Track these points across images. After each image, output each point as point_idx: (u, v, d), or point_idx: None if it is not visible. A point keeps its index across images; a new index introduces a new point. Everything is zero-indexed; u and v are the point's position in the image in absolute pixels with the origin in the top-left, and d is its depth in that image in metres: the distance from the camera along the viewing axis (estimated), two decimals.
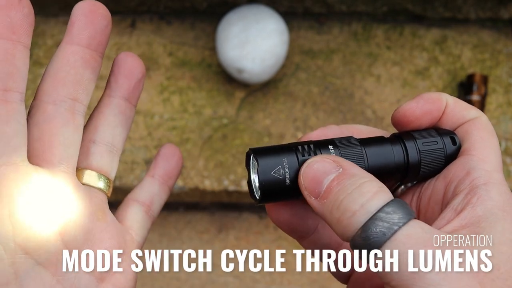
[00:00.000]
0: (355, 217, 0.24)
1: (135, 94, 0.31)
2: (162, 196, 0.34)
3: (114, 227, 0.30)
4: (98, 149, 0.30)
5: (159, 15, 0.88)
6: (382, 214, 0.24)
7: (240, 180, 0.78)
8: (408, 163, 0.29)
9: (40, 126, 0.27)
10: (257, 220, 0.86)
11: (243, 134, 0.81)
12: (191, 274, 0.82)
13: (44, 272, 0.26)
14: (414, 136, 0.30)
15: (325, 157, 0.27)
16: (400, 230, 0.23)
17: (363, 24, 0.88)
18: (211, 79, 0.84)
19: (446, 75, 0.85)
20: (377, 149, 0.29)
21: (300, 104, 0.83)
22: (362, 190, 0.25)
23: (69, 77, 0.28)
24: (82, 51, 0.28)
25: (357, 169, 0.26)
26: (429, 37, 0.88)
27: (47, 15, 0.88)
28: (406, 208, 0.24)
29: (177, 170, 0.35)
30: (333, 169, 0.26)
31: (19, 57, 0.26)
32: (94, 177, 0.29)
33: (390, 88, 0.85)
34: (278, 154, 0.28)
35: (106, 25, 0.29)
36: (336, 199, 0.25)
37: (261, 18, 0.79)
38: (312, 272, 0.82)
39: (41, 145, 0.27)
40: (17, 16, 0.26)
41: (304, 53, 0.86)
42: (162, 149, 0.35)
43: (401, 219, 0.24)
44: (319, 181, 0.26)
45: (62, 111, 0.27)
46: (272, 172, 0.27)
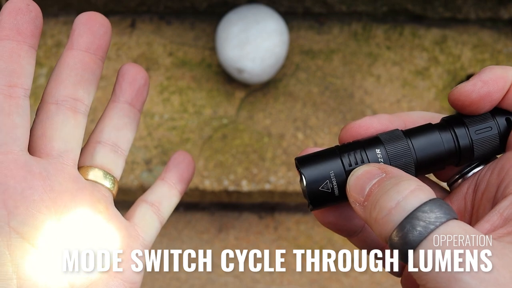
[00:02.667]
0: (391, 215, 0.23)
1: (139, 99, 0.33)
2: (171, 198, 0.35)
3: (117, 222, 0.31)
4: (103, 149, 0.31)
5: (159, 15, 0.88)
6: (419, 213, 0.23)
7: (240, 180, 0.78)
8: (460, 151, 0.27)
9: (43, 123, 0.29)
10: (257, 220, 0.86)
11: (243, 134, 0.81)
12: (191, 274, 0.82)
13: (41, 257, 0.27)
14: (466, 122, 0.27)
15: (371, 165, 0.26)
16: (437, 229, 0.22)
17: (363, 24, 0.88)
18: (211, 79, 0.84)
19: (446, 75, 0.85)
20: (424, 139, 0.27)
21: (300, 104, 0.83)
22: (399, 188, 0.24)
23: (70, 79, 0.30)
24: (81, 54, 0.30)
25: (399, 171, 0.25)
26: (429, 37, 0.88)
27: (47, 15, 0.88)
28: (445, 208, 0.23)
29: (187, 175, 0.36)
30: (377, 174, 0.25)
31: (24, 56, 0.28)
32: (98, 174, 0.31)
33: (390, 88, 0.85)
34: (325, 167, 0.27)
35: (105, 31, 0.31)
36: (374, 199, 0.24)
37: (261, 18, 0.79)
38: (312, 272, 0.82)
39: (42, 141, 0.29)
40: (24, 19, 0.28)
41: (304, 53, 0.86)
42: (174, 154, 0.36)
43: (438, 218, 0.23)
44: (362, 187, 0.25)
45: (63, 109, 0.29)
46: (320, 188, 0.27)
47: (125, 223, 0.31)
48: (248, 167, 0.79)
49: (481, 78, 0.27)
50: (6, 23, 0.28)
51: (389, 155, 0.27)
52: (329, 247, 0.83)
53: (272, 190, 0.78)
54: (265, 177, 0.78)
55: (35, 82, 0.83)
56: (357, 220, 0.30)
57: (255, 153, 0.79)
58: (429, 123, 0.28)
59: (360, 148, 0.27)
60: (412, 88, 0.85)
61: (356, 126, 0.29)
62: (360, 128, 0.28)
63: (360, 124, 0.28)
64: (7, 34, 0.28)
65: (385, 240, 0.24)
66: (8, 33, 0.28)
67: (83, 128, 0.30)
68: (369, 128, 0.28)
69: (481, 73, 0.27)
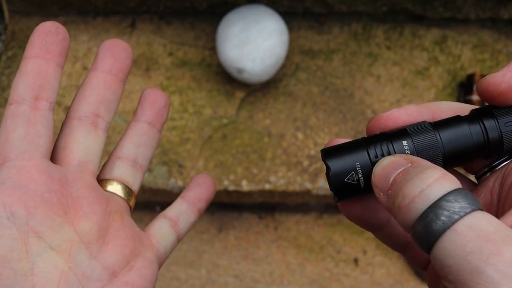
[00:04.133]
0: (414, 203, 0.23)
1: (159, 120, 0.36)
2: (190, 215, 0.37)
3: (131, 230, 0.32)
4: (122, 164, 0.34)
5: (159, 15, 0.88)
6: (443, 202, 0.22)
7: (240, 180, 0.78)
8: (489, 144, 0.27)
9: (66, 136, 0.32)
10: (257, 220, 0.86)
11: (243, 134, 0.81)
12: (191, 274, 0.82)
13: (56, 256, 0.28)
14: (495, 114, 0.26)
15: (397, 156, 0.26)
16: (462, 220, 0.22)
17: (363, 24, 0.88)
18: (211, 79, 0.84)
19: (446, 75, 0.85)
20: (452, 132, 0.27)
21: (300, 104, 0.83)
22: (424, 176, 0.23)
23: (92, 97, 0.33)
24: (103, 75, 0.33)
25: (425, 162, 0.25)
26: (429, 37, 0.88)
27: (47, 15, 0.88)
28: (471, 198, 0.22)
29: (207, 195, 0.38)
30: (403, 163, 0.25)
31: (51, 73, 0.31)
32: (117, 186, 0.33)
33: (390, 88, 0.85)
34: (351, 158, 0.27)
35: (127, 56, 0.35)
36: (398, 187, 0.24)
37: (261, 18, 0.79)
38: (312, 272, 0.82)
39: (64, 152, 0.31)
40: (52, 40, 0.31)
41: (304, 53, 0.86)
42: (197, 176, 0.38)
43: (463, 208, 0.22)
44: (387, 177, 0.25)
45: (85, 124, 0.32)
46: (346, 179, 0.27)
47: (138, 232, 0.33)
48: (248, 167, 0.79)
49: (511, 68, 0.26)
50: (36, 43, 0.31)
51: (416, 147, 0.27)
52: (329, 247, 0.83)
53: (272, 190, 0.78)
54: (265, 177, 0.78)
55: None
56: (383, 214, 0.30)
57: (255, 153, 0.79)
58: (457, 115, 0.28)
59: (387, 140, 0.27)
60: (412, 88, 0.85)
61: (383, 118, 0.28)
62: (387, 120, 0.28)
63: (388, 116, 0.28)
64: (37, 53, 0.31)
65: (408, 229, 0.24)
66: (38, 52, 0.31)
67: (103, 142, 0.33)
68: (397, 120, 0.28)
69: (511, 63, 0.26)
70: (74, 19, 0.88)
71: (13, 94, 0.31)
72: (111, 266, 0.30)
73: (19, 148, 0.29)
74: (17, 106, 0.30)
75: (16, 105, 0.30)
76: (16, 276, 0.27)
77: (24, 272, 0.27)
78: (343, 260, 0.82)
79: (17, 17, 0.88)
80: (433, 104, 0.29)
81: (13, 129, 0.29)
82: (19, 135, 0.29)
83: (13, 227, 0.27)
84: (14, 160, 0.29)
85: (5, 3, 0.87)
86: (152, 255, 0.33)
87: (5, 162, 0.29)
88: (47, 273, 0.28)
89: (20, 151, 0.29)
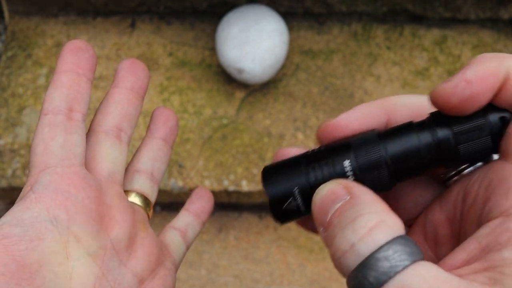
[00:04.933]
0: (345, 259, 0.21)
1: (171, 137, 0.38)
2: (195, 226, 0.38)
3: (154, 238, 0.34)
4: (141, 177, 0.36)
5: (159, 15, 0.88)
6: (372, 260, 0.20)
7: (240, 180, 0.78)
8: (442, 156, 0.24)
9: (93, 148, 0.33)
10: (257, 220, 0.86)
11: (243, 134, 0.81)
12: (191, 274, 0.82)
13: (92, 262, 0.29)
14: (451, 123, 0.24)
15: (337, 182, 0.24)
16: (391, 280, 0.20)
17: (363, 24, 0.89)
18: (211, 79, 0.84)
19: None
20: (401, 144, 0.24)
21: (300, 104, 0.83)
22: (356, 225, 0.21)
23: (116, 111, 0.34)
24: (126, 92, 0.35)
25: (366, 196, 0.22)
26: (429, 37, 0.88)
27: (47, 15, 0.88)
28: (406, 251, 0.20)
29: (208, 207, 0.40)
30: (342, 196, 0.23)
31: (83, 87, 0.33)
32: (137, 197, 0.35)
33: (390, 88, 0.85)
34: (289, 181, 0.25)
35: (145, 75, 0.37)
36: (332, 233, 0.22)
37: (261, 18, 0.79)
38: (312, 272, 0.82)
39: (94, 163, 0.32)
40: (83, 56, 0.33)
41: (304, 53, 0.86)
42: (196, 190, 0.40)
43: (393, 267, 0.20)
44: (326, 211, 0.23)
45: (111, 137, 0.34)
46: (284, 207, 0.25)
47: (160, 242, 0.35)
48: (248, 167, 0.79)
49: (465, 76, 0.22)
50: (69, 58, 0.33)
51: (359, 166, 0.24)
52: None
53: None
54: None
55: (34, 82, 0.83)
56: None
57: (255, 153, 0.79)
58: (409, 122, 0.25)
59: (329, 157, 0.25)
60: (412, 88, 0.85)
61: (329, 127, 0.26)
62: (334, 130, 0.26)
63: (334, 124, 0.26)
64: (70, 67, 0.32)
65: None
66: (71, 66, 0.32)
67: (126, 155, 0.34)
68: (344, 128, 0.26)
69: (466, 69, 0.23)
70: (74, 19, 0.88)
71: (48, 104, 0.32)
72: (140, 273, 0.31)
73: (59, 155, 0.30)
74: (54, 116, 0.31)
75: (53, 115, 0.31)
76: (57, 280, 0.27)
77: (64, 276, 0.28)
78: None
79: (17, 17, 0.88)
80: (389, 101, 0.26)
81: (52, 137, 0.30)
82: (58, 143, 0.30)
83: (56, 230, 0.28)
84: (54, 166, 0.30)
85: (5, 3, 0.87)
86: (170, 264, 0.34)
87: (46, 168, 0.30)
88: (84, 278, 0.28)
89: (60, 158, 0.30)
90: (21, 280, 0.26)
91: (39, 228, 0.28)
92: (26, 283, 0.26)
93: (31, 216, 0.28)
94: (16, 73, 0.84)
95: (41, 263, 0.27)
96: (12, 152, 0.78)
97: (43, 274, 0.27)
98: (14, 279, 0.26)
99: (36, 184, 0.29)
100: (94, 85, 0.82)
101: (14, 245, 0.27)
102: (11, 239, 0.27)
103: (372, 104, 0.26)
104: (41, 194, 0.29)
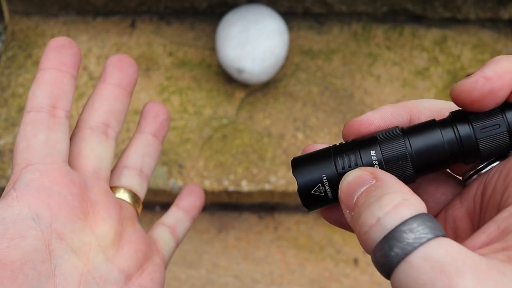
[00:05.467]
0: (371, 232, 0.22)
1: (161, 132, 0.37)
2: (185, 222, 0.38)
3: (142, 234, 0.34)
4: (129, 173, 0.35)
5: (159, 15, 0.88)
6: (397, 232, 0.21)
7: (240, 181, 0.78)
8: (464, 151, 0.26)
9: (79, 144, 0.33)
10: (257, 220, 0.86)
11: (243, 134, 0.81)
12: (191, 274, 0.82)
13: (76, 259, 0.29)
14: (471, 119, 0.25)
15: (363, 169, 0.25)
16: (416, 251, 0.21)
17: (363, 24, 0.89)
18: (211, 79, 0.84)
19: (446, 75, 0.85)
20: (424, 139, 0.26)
21: (300, 104, 0.83)
22: (382, 202, 0.22)
23: (103, 108, 0.34)
24: (113, 88, 0.35)
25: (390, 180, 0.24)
26: (429, 37, 0.88)
27: (47, 15, 0.88)
28: (429, 226, 0.21)
29: (199, 203, 0.39)
30: (368, 180, 0.24)
31: (66, 83, 0.32)
32: (125, 193, 0.34)
33: (390, 88, 0.85)
34: (318, 169, 0.27)
35: (133, 71, 0.36)
36: (359, 211, 0.23)
37: (261, 18, 0.79)
38: (312, 272, 0.82)
39: (79, 159, 0.32)
40: (67, 53, 0.33)
41: (304, 53, 0.86)
42: (186, 186, 0.40)
43: (417, 239, 0.21)
44: (352, 194, 0.24)
45: (97, 133, 0.33)
46: (312, 192, 0.27)
47: (148, 239, 0.34)
48: (248, 167, 0.79)
49: (484, 73, 0.24)
50: (52, 55, 0.33)
51: (384, 157, 0.26)
52: (329, 247, 0.83)
53: (272, 190, 0.78)
54: (265, 177, 0.78)
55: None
56: None
57: (255, 153, 0.79)
58: (432, 120, 0.27)
59: (356, 149, 0.26)
60: (412, 88, 0.85)
61: (357, 123, 0.27)
62: (361, 126, 0.27)
63: (361, 121, 0.27)
64: (53, 64, 0.32)
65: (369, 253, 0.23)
66: (54, 64, 0.32)
67: (113, 151, 0.34)
68: (370, 125, 0.27)
69: (485, 67, 0.24)
70: (74, 19, 0.88)
71: (31, 102, 0.31)
72: (126, 269, 0.31)
73: (41, 152, 0.30)
74: (36, 114, 0.31)
75: (35, 112, 0.31)
76: (40, 277, 0.27)
77: (47, 273, 0.28)
78: (343, 260, 0.82)
79: (17, 17, 0.88)
80: (411, 103, 0.28)
81: (34, 135, 0.30)
82: (41, 140, 0.30)
83: (38, 228, 0.28)
84: (37, 163, 0.30)
85: (5, 3, 0.87)
86: (159, 259, 0.34)
87: (28, 165, 0.30)
88: (68, 275, 0.28)
89: (42, 155, 0.30)
90: (3, 278, 0.26)
91: (20, 226, 0.28)
92: (8, 282, 0.26)
93: (12, 214, 0.28)
94: (16, 73, 0.84)
95: (23, 260, 0.27)
96: (12, 152, 0.78)
97: (25, 271, 0.27)
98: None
99: (18, 181, 0.29)
100: (92, 85, 0.82)
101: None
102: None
103: (396, 104, 0.28)
104: (22, 192, 0.29)
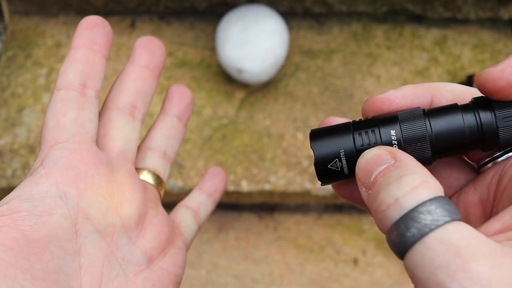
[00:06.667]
0: (388, 212, 0.22)
1: (186, 115, 0.38)
2: (208, 205, 0.38)
3: (165, 217, 0.33)
4: (154, 154, 0.35)
5: (159, 15, 0.88)
6: (415, 213, 0.21)
7: (239, 180, 0.78)
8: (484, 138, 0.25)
9: (106, 125, 0.33)
10: (257, 220, 0.86)
11: (243, 134, 0.81)
12: (191, 274, 0.82)
13: (101, 239, 0.29)
14: (494, 107, 0.25)
15: (382, 148, 0.25)
16: (432, 233, 0.21)
17: (363, 24, 0.89)
18: (211, 79, 0.84)
19: (446, 75, 0.85)
20: (445, 122, 0.25)
21: (300, 104, 0.83)
22: (401, 182, 0.22)
23: (131, 89, 0.34)
24: (141, 69, 0.35)
25: (410, 161, 0.24)
26: (429, 37, 0.88)
27: (47, 15, 0.88)
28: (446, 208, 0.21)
29: (222, 186, 0.40)
30: (387, 160, 0.24)
31: (98, 63, 0.32)
32: (149, 175, 0.34)
33: (390, 88, 0.84)
34: (336, 144, 0.26)
35: (162, 53, 0.37)
36: (377, 190, 0.23)
37: (261, 18, 0.79)
38: (312, 272, 0.82)
39: (106, 140, 0.32)
40: (99, 32, 0.33)
41: (304, 53, 0.86)
42: (209, 169, 0.40)
43: (435, 221, 0.21)
44: (370, 172, 0.24)
45: (124, 114, 0.33)
46: (329, 166, 0.26)
47: (170, 221, 0.34)
48: (248, 167, 0.79)
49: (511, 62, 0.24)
50: (85, 34, 0.32)
51: (404, 136, 0.26)
52: (329, 247, 0.83)
53: (272, 190, 0.78)
54: (265, 177, 0.78)
55: (34, 82, 0.83)
56: None
57: (255, 153, 0.79)
58: (454, 104, 0.26)
59: (375, 126, 0.26)
60: None
61: (378, 100, 0.27)
62: (382, 103, 0.27)
63: (383, 99, 0.27)
64: (85, 43, 0.32)
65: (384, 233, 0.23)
66: (86, 42, 0.32)
67: (139, 132, 0.34)
68: (392, 103, 0.27)
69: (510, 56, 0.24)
70: (74, 19, 0.88)
71: (62, 80, 0.31)
72: (149, 251, 0.31)
73: (70, 130, 0.30)
74: (67, 92, 0.31)
75: (66, 90, 0.31)
76: (66, 255, 0.27)
77: (73, 252, 0.28)
78: (343, 260, 0.82)
79: (17, 17, 0.88)
80: (434, 85, 0.27)
81: (64, 113, 0.30)
82: (70, 118, 0.30)
83: (65, 206, 0.28)
84: (65, 142, 0.30)
85: (5, 3, 0.87)
86: (181, 243, 0.34)
87: (56, 143, 0.30)
88: (93, 255, 0.28)
89: (71, 134, 0.30)
90: (30, 255, 0.26)
91: (48, 204, 0.27)
92: (35, 258, 0.26)
93: (40, 191, 0.28)
94: (16, 73, 0.84)
95: (50, 238, 0.27)
96: (12, 152, 0.78)
97: (52, 249, 0.27)
98: (22, 253, 0.26)
99: (46, 159, 0.29)
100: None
101: (23, 220, 0.27)
102: (20, 214, 0.27)
103: (419, 85, 0.27)
104: (51, 170, 0.29)
